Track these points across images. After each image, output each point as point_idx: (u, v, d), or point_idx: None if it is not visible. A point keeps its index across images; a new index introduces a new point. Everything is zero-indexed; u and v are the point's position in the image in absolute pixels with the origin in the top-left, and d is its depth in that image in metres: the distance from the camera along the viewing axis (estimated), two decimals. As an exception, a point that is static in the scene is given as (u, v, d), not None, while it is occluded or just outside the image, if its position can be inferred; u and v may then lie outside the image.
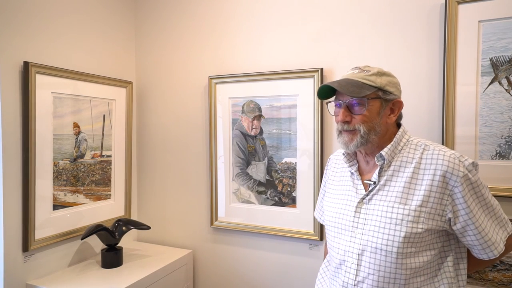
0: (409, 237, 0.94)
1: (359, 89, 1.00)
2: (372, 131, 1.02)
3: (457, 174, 0.94)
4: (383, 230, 0.97)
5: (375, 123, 1.02)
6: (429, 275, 1.00)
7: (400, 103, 1.05)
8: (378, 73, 1.03)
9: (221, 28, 1.93)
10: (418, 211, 0.95)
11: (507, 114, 1.37)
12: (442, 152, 0.98)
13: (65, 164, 1.72)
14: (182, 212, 2.08)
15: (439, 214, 0.96)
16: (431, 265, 1.00)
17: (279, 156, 1.80)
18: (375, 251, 0.98)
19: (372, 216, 1.01)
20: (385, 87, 1.01)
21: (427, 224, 0.95)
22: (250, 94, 1.84)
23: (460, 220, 0.95)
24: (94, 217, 1.87)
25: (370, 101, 1.01)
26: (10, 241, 1.50)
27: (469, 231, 0.96)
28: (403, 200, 0.97)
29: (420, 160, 0.99)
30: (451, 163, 0.95)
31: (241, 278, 1.93)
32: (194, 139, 2.03)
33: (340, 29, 1.67)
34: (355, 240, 1.03)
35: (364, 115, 1.01)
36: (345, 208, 1.08)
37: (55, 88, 1.65)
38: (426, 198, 0.95)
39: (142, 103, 2.17)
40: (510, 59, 1.35)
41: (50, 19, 1.66)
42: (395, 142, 1.03)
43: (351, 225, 1.05)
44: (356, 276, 1.01)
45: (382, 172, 1.03)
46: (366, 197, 1.04)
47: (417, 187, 0.97)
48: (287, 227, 1.78)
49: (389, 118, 1.04)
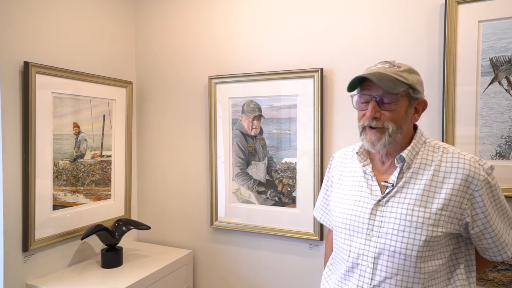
0: (429, 240, 0.93)
1: (394, 84, 0.97)
2: (399, 130, 0.99)
3: (478, 178, 0.94)
4: (402, 234, 0.95)
5: (403, 121, 0.99)
6: (442, 278, 0.99)
7: (425, 102, 1.03)
8: (409, 70, 1.01)
9: (221, 28, 1.93)
10: (439, 215, 0.93)
11: (507, 114, 1.37)
12: (463, 155, 0.97)
13: (65, 164, 1.72)
14: (182, 212, 2.08)
15: (457, 218, 0.95)
16: (443, 267, 0.99)
17: (279, 156, 1.80)
18: (393, 255, 0.95)
19: (389, 218, 0.98)
20: (415, 85, 1.00)
21: (446, 228, 0.94)
22: (250, 94, 1.84)
23: (479, 224, 0.95)
24: (94, 217, 1.87)
25: (396, 97, 0.97)
26: (10, 241, 1.50)
27: (487, 234, 0.96)
28: (423, 203, 0.95)
29: (440, 163, 0.97)
30: (473, 167, 0.95)
31: (241, 278, 1.93)
32: (194, 139, 2.03)
33: (340, 29, 1.67)
34: (370, 243, 1.00)
35: (395, 112, 0.98)
36: (358, 210, 1.04)
37: (55, 88, 1.65)
38: (447, 202, 0.94)
39: (142, 103, 2.17)
40: (510, 59, 1.36)
41: (50, 19, 1.66)
42: (414, 144, 1.01)
43: (366, 228, 1.01)
44: (371, 280, 0.98)
45: (400, 174, 1.00)
46: (382, 199, 1.00)
47: (437, 190, 0.95)
48: (287, 227, 1.78)
49: (413, 117, 1.03)
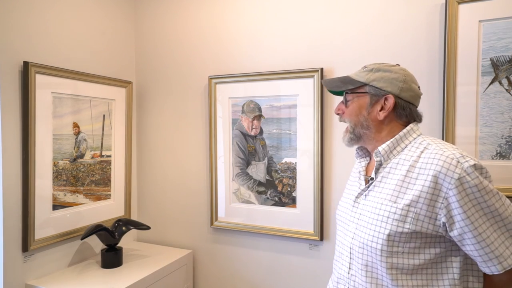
0: (394, 235, 0.92)
1: (343, 84, 1.04)
2: (358, 126, 1.04)
3: (451, 175, 0.87)
4: (370, 226, 0.97)
5: (361, 117, 1.03)
6: (425, 281, 0.95)
7: (390, 99, 0.99)
8: (373, 69, 1.02)
9: (221, 28, 1.93)
10: (406, 210, 0.91)
11: (507, 114, 1.37)
12: (441, 151, 0.91)
13: (65, 164, 1.71)
14: (182, 212, 2.08)
15: (430, 217, 0.90)
16: (428, 271, 0.95)
17: (279, 156, 1.79)
18: (363, 246, 0.98)
19: (365, 212, 1.01)
20: (371, 82, 1.01)
21: (415, 225, 0.90)
22: (250, 94, 1.84)
23: (457, 227, 0.88)
24: (94, 217, 1.87)
25: (353, 95, 1.04)
26: (10, 241, 1.50)
27: (467, 240, 0.88)
28: (393, 198, 0.95)
29: (418, 159, 0.95)
30: (447, 163, 0.88)
31: (241, 278, 1.93)
32: (194, 139, 2.03)
33: (340, 29, 1.66)
34: (349, 233, 1.04)
35: (348, 109, 1.05)
36: (347, 202, 1.10)
37: (55, 88, 1.65)
38: (415, 198, 0.91)
39: (142, 103, 2.17)
40: (510, 59, 1.35)
41: (50, 19, 1.66)
42: (396, 139, 1.01)
43: (349, 219, 1.06)
44: (349, 269, 1.03)
45: (380, 168, 1.02)
46: (363, 192, 1.04)
47: (409, 186, 0.93)
48: (287, 227, 1.78)
49: (378, 114, 1.02)
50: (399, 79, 1.01)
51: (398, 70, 1.02)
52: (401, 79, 1.01)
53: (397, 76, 1.01)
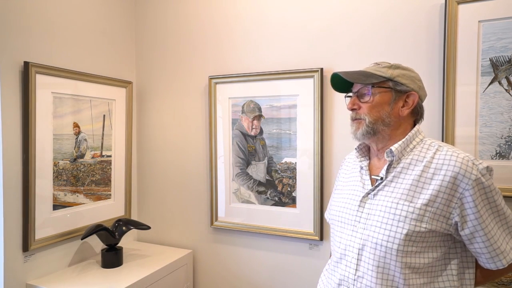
0: (411, 235, 0.93)
1: (366, 77, 1.01)
2: (379, 121, 1.01)
3: (469, 177, 0.91)
4: (385, 226, 0.96)
5: (384, 113, 1.01)
6: (429, 279, 0.98)
7: (415, 96, 1.02)
8: (392, 66, 1.02)
9: (221, 28, 1.93)
10: (423, 210, 0.93)
11: (507, 114, 1.37)
12: (456, 153, 0.95)
13: (65, 164, 1.72)
14: (182, 212, 2.08)
15: (445, 216, 0.93)
16: (432, 269, 0.98)
17: (279, 156, 1.80)
18: (375, 247, 0.97)
19: (375, 211, 0.99)
20: (396, 78, 1.00)
21: (431, 224, 0.93)
22: (250, 94, 1.84)
23: (469, 225, 0.92)
24: (94, 217, 1.87)
25: (377, 89, 1.01)
26: (10, 241, 1.50)
27: (478, 238, 0.93)
28: (409, 197, 0.95)
29: (432, 160, 0.97)
30: (464, 165, 0.92)
31: (241, 278, 1.93)
32: (194, 139, 2.03)
33: (340, 29, 1.67)
34: (357, 234, 1.02)
35: (370, 103, 1.01)
36: (350, 203, 1.07)
37: (55, 88, 1.65)
38: (433, 198, 0.93)
39: (142, 103, 2.17)
40: (510, 59, 1.36)
41: (50, 19, 1.66)
42: (407, 139, 1.01)
43: (354, 219, 1.04)
44: (356, 271, 1.00)
45: (390, 168, 1.02)
46: (371, 192, 1.03)
47: (425, 186, 0.95)
48: (287, 227, 1.78)
49: (401, 111, 1.02)
50: (417, 78, 1.05)
51: (412, 69, 1.05)
52: (418, 78, 1.05)
53: (415, 75, 1.05)
